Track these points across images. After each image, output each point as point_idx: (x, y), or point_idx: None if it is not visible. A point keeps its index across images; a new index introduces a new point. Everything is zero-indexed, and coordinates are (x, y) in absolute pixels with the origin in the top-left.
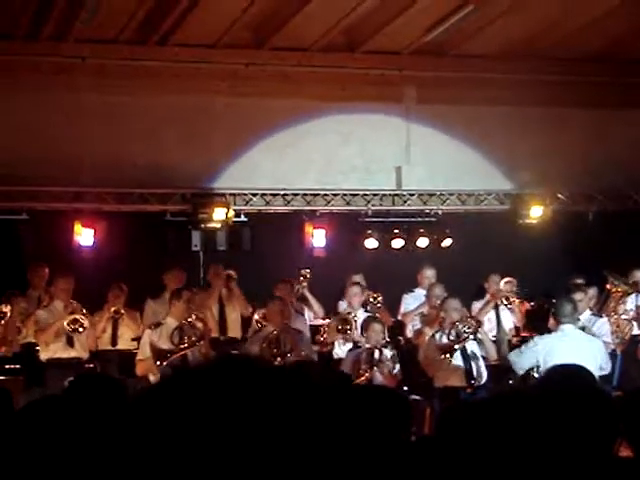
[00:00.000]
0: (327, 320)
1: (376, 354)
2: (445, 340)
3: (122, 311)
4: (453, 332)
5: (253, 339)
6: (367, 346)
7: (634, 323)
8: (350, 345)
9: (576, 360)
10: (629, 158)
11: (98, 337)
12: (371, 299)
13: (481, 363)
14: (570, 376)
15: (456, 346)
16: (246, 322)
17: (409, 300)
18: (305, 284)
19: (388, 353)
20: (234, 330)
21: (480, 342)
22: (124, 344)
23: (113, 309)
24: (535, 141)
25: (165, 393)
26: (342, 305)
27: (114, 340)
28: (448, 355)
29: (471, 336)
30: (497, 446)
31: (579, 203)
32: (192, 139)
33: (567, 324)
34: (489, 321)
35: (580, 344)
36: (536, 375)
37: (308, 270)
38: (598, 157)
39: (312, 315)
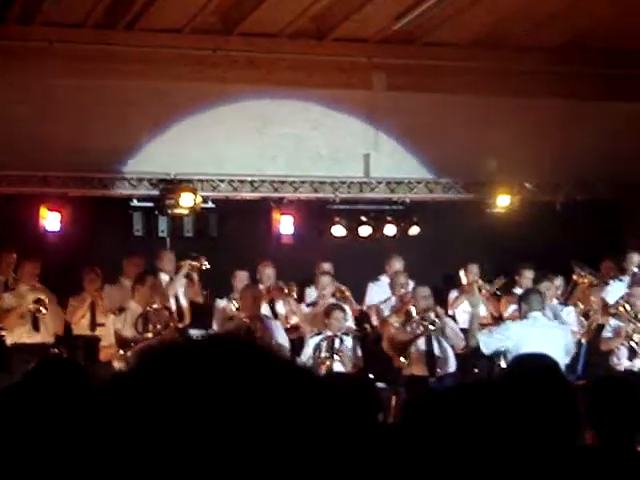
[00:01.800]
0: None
1: (337, 342)
2: (413, 329)
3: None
4: (420, 321)
5: (223, 328)
6: (328, 334)
7: (601, 314)
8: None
9: (547, 347)
10: (596, 148)
11: (75, 323)
12: (338, 293)
13: (448, 351)
14: (535, 366)
15: (418, 332)
16: (200, 309)
17: (374, 289)
18: (293, 293)
19: (349, 341)
20: (187, 317)
21: (442, 331)
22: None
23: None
24: (503, 130)
25: (143, 379)
26: (310, 292)
27: (92, 326)
28: (414, 339)
29: (431, 326)
30: (460, 436)
31: (546, 192)
32: (159, 125)
33: (536, 311)
34: (464, 311)
35: (550, 331)
36: (502, 364)
37: (293, 284)
38: (565, 147)
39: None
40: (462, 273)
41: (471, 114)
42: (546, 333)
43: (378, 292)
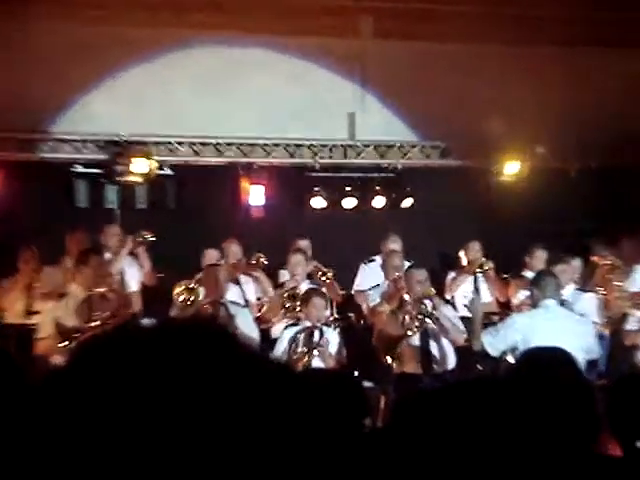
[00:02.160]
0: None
1: (316, 335)
2: (405, 323)
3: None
4: (415, 310)
5: (180, 315)
6: (306, 324)
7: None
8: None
9: (561, 342)
10: (618, 105)
11: (7, 309)
12: (320, 274)
13: (446, 346)
14: (548, 361)
15: (414, 328)
16: (153, 293)
17: (367, 272)
18: (258, 268)
19: (331, 333)
20: (136, 303)
21: (437, 321)
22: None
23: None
24: (510, 85)
25: (84, 374)
26: (284, 275)
27: (27, 313)
28: (406, 335)
29: (427, 320)
30: (456, 442)
31: (560, 158)
32: (108, 77)
33: (550, 299)
34: (465, 297)
35: (566, 323)
36: (511, 360)
37: (262, 256)
38: (582, 104)
39: (261, 290)
40: (462, 253)
41: (475, 65)
42: (561, 326)
43: (371, 275)
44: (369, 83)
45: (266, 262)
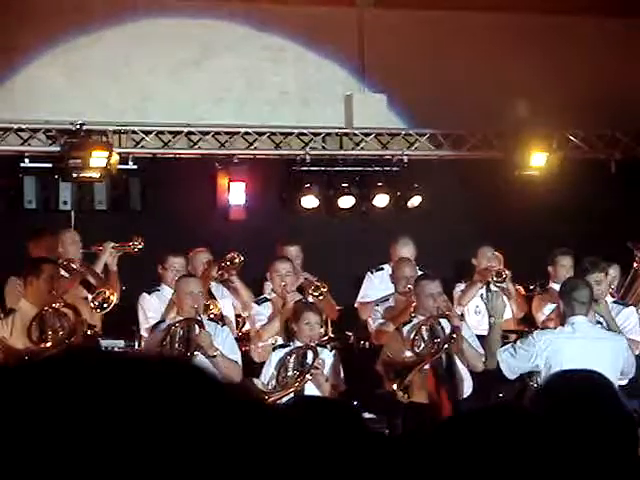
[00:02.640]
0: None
1: (309, 356)
2: (420, 347)
3: None
4: (428, 329)
5: (151, 336)
6: (297, 344)
7: None
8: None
9: (590, 364)
10: None
11: None
12: (312, 290)
13: (462, 371)
14: (581, 386)
15: (429, 353)
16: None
17: (375, 282)
18: (234, 272)
19: (326, 355)
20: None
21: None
22: None
23: None
24: (537, 61)
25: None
26: (269, 287)
27: None
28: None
29: (446, 346)
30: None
31: (598, 147)
32: (62, 54)
33: (579, 316)
34: (476, 312)
35: (596, 343)
36: (534, 384)
37: (237, 254)
38: (624, 84)
39: (239, 305)
40: (474, 260)
41: (492, 39)
42: (590, 346)
43: (379, 286)
44: (368, 60)
45: (242, 262)
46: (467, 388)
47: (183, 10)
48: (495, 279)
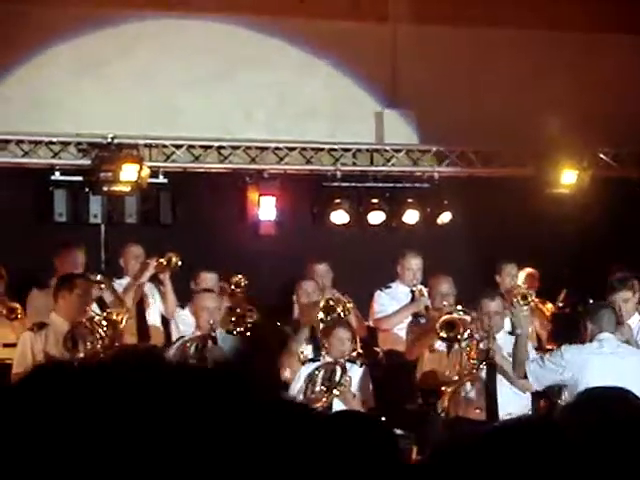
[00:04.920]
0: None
1: (338, 372)
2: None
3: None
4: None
5: (174, 346)
6: (327, 359)
7: None
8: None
9: (617, 380)
10: None
11: None
12: (338, 306)
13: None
14: (611, 403)
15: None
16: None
17: (385, 299)
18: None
19: (356, 370)
20: (156, 336)
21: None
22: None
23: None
24: (568, 78)
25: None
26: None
27: (4, 345)
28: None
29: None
30: None
31: (628, 166)
32: (93, 67)
33: (606, 333)
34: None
35: (623, 360)
36: (563, 399)
37: (241, 277)
38: None
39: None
40: (498, 277)
41: (522, 55)
42: (618, 362)
43: (390, 303)
44: (400, 76)
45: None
46: (514, 406)
47: (215, 23)
48: (521, 302)
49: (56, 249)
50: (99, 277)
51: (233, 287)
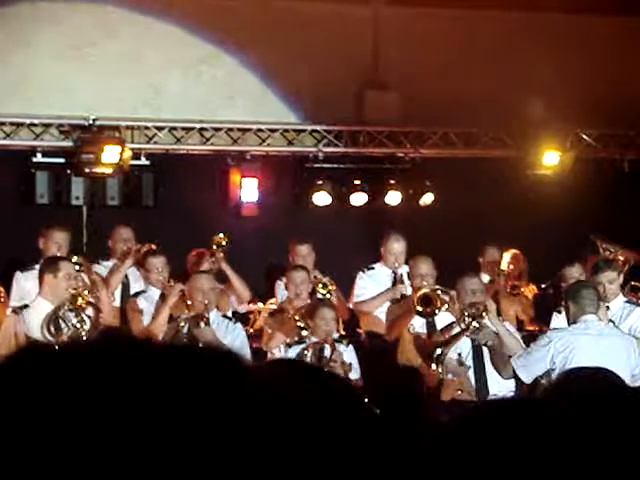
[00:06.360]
0: (256, 305)
1: (326, 350)
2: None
3: None
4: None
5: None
6: (313, 340)
7: None
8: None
9: (603, 360)
10: None
11: None
12: (320, 288)
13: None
14: (593, 383)
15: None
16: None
17: (367, 281)
18: (221, 255)
19: (343, 350)
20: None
21: (493, 335)
22: None
23: None
24: (550, 60)
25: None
26: (281, 285)
27: None
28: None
29: (475, 323)
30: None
31: (611, 147)
32: (75, 50)
33: (589, 314)
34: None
35: (609, 341)
36: (545, 383)
37: (222, 236)
38: (639, 83)
39: (234, 299)
40: (481, 259)
41: (507, 37)
42: (604, 343)
43: (372, 286)
44: (382, 58)
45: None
46: (498, 388)
47: (196, 6)
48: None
49: (40, 231)
50: (75, 259)
51: (215, 247)
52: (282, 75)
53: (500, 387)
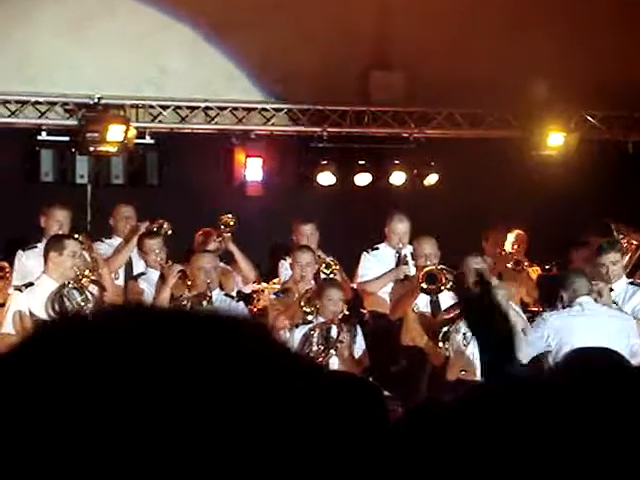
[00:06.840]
0: (260, 285)
1: (333, 331)
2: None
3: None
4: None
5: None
6: (320, 320)
7: None
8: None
9: (602, 342)
10: None
11: None
12: (323, 267)
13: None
14: (597, 362)
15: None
16: None
17: (371, 262)
18: (228, 235)
19: (350, 330)
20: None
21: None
22: None
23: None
24: (556, 41)
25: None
26: (285, 265)
27: None
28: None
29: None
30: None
31: (615, 128)
32: (80, 27)
33: (583, 296)
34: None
35: (605, 321)
36: (550, 363)
37: (231, 216)
38: None
39: (240, 279)
40: (484, 243)
41: (509, 17)
42: (601, 324)
43: (376, 266)
44: (388, 38)
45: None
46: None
47: None
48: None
49: (42, 209)
50: (76, 236)
51: (222, 227)
52: (286, 54)
53: None
